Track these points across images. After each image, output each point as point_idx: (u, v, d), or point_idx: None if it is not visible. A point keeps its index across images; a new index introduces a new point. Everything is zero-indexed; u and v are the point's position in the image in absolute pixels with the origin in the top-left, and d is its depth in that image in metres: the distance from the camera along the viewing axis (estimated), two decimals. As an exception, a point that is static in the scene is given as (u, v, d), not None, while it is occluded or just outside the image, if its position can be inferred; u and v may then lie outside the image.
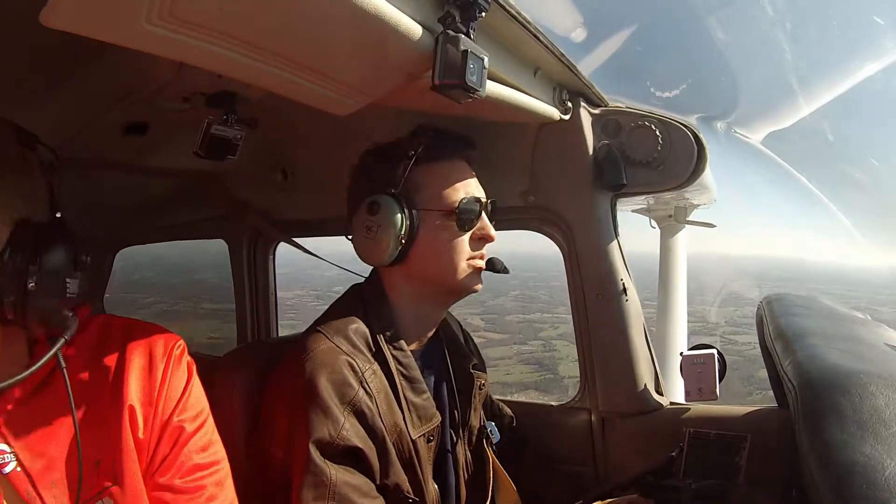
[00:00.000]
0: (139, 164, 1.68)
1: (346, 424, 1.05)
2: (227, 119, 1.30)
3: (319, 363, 1.08)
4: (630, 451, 1.52)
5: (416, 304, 1.25)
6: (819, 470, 0.66)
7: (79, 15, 0.58)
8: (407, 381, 1.17)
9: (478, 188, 1.26)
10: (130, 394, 0.82)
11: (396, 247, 1.16)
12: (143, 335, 0.87)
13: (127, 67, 1.12)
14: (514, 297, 14.60)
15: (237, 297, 2.21)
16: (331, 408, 1.05)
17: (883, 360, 0.95)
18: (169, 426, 0.85)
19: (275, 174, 1.88)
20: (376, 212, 1.16)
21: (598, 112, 1.48)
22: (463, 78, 0.84)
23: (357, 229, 1.21)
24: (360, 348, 1.14)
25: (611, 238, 1.51)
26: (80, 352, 0.84)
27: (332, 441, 1.04)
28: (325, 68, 0.88)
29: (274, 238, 2.12)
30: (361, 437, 1.07)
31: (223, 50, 0.73)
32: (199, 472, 0.86)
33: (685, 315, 2.84)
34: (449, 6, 0.84)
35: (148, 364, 0.85)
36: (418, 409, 1.18)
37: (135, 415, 0.82)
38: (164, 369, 0.86)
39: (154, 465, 0.83)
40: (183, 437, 0.86)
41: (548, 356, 11.75)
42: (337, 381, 1.07)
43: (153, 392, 0.84)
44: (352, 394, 1.07)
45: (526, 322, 13.71)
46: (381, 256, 1.19)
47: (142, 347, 0.86)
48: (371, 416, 1.08)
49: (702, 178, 1.47)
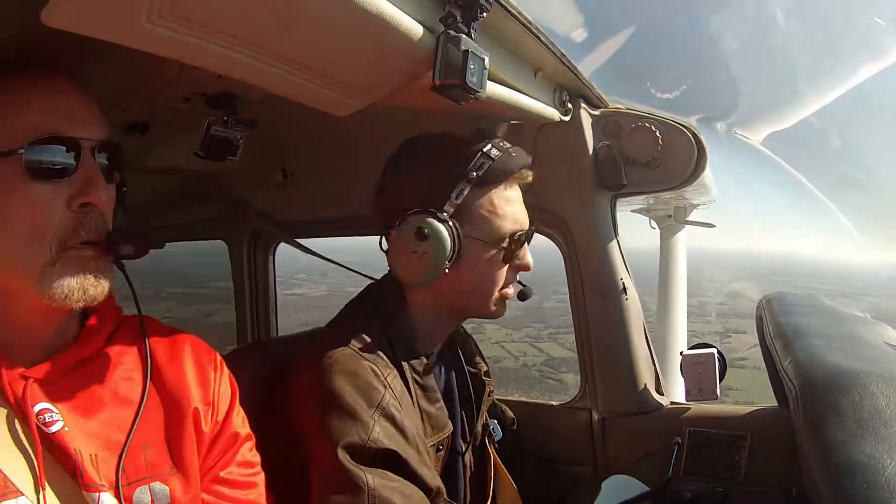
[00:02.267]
0: (139, 164, 1.68)
1: (377, 428, 1.01)
2: (228, 120, 1.30)
3: (341, 368, 1.05)
4: (630, 450, 1.52)
5: (435, 318, 1.21)
6: (819, 469, 0.66)
7: (80, 14, 0.58)
8: (422, 389, 1.15)
9: (524, 213, 1.19)
10: (193, 394, 0.88)
11: (438, 274, 1.10)
12: (190, 343, 0.94)
13: (127, 67, 1.11)
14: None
15: (237, 297, 2.20)
16: (358, 412, 1.01)
17: (883, 360, 0.95)
18: (225, 429, 0.92)
19: (275, 174, 1.88)
20: (426, 238, 1.08)
21: (599, 113, 1.49)
22: (463, 78, 0.84)
23: (399, 247, 1.12)
24: (380, 355, 1.11)
25: (610, 238, 1.51)
26: (128, 340, 0.88)
27: (364, 445, 0.99)
28: (326, 68, 0.88)
29: (274, 238, 2.12)
30: (394, 439, 1.03)
31: (224, 49, 0.73)
32: (250, 468, 0.94)
33: (685, 315, 2.84)
34: (450, 6, 0.84)
35: (199, 372, 0.91)
36: (431, 418, 1.15)
37: (198, 413, 0.88)
38: (215, 377, 0.93)
39: (211, 461, 0.89)
40: (239, 440, 0.93)
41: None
42: (362, 386, 1.03)
43: (209, 396, 0.91)
44: (378, 397, 1.03)
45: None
46: (421, 280, 1.13)
47: (191, 354, 0.92)
48: (400, 418, 1.05)
49: (701, 178, 1.47)
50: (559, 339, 14.87)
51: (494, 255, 1.15)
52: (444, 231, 1.08)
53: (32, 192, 0.72)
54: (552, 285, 6.74)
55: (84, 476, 0.75)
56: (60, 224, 0.73)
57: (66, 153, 0.73)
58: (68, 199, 0.74)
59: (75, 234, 0.74)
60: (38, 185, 0.72)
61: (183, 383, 0.88)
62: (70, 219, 0.74)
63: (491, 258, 1.15)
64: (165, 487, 0.81)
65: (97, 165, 0.76)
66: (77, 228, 0.74)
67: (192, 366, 0.91)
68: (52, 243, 0.73)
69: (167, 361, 0.89)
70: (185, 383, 0.88)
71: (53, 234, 0.73)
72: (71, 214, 0.74)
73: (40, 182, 0.72)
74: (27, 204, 0.72)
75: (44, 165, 0.72)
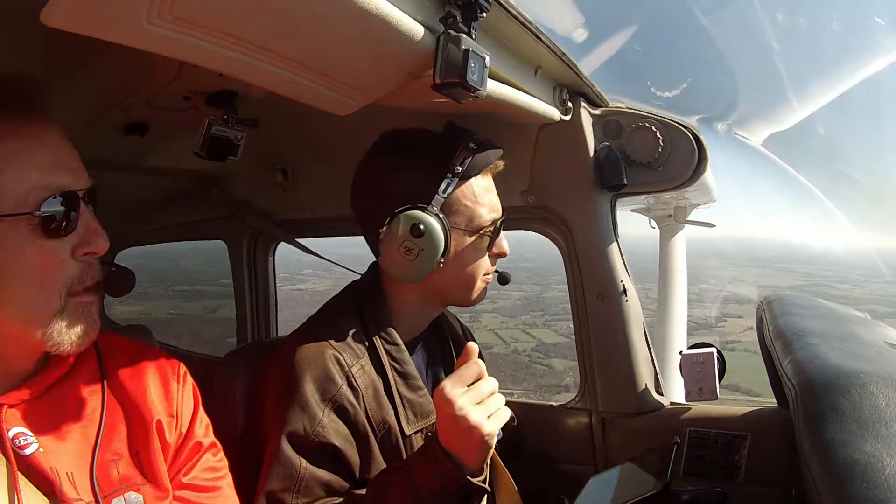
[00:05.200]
0: (139, 164, 1.68)
1: (324, 420, 1.05)
2: (228, 119, 1.30)
3: (305, 357, 1.09)
4: (630, 451, 1.51)
5: (416, 305, 1.24)
6: (819, 469, 0.66)
7: (79, 14, 0.58)
8: (400, 376, 1.17)
9: (499, 202, 1.22)
10: (155, 407, 0.91)
11: (433, 269, 1.13)
12: (153, 357, 0.96)
13: (127, 68, 1.11)
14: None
15: (237, 297, 2.21)
16: (310, 403, 1.05)
17: (883, 360, 0.95)
18: (189, 439, 0.94)
19: (275, 174, 1.88)
20: (421, 235, 1.09)
21: (599, 112, 1.49)
22: (464, 77, 0.84)
23: (391, 245, 1.12)
24: (350, 344, 1.13)
25: (611, 238, 1.51)
26: (88, 362, 0.90)
27: (307, 436, 1.04)
28: (326, 68, 0.88)
29: (274, 238, 2.12)
30: (340, 434, 1.07)
31: (223, 49, 0.73)
32: (215, 473, 0.96)
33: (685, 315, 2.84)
34: (450, 6, 0.84)
35: (162, 385, 0.94)
36: (413, 405, 1.17)
37: (161, 425, 0.90)
38: (178, 388, 0.95)
39: (176, 469, 0.92)
40: (202, 449, 0.96)
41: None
42: (320, 377, 1.07)
43: (172, 408, 0.93)
44: (334, 390, 1.07)
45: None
46: (415, 276, 1.14)
47: (153, 368, 0.95)
48: (354, 413, 1.08)
49: (702, 178, 1.47)
50: (553, 326, 15.01)
51: (477, 243, 1.18)
52: (438, 226, 1.11)
53: (46, 246, 0.76)
54: (553, 276, 6.65)
55: (62, 494, 0.77)
56: (68, 274, 0.78)
57: (72, 208, 0.77)
58: (72, 249, 0.78)
59: (81, 281, 0.79)
60: (49, 240, 0.76)
61: (145, 397, 0.91)
62: (76, 267, 0.78)
63: (474, 247, 1.18)
64: (139, 496, 0.85)
65: (92, 213, 0.80)
66: (82, 276, 0.79)
67: (154, 379, 0.93)
68: (62, 292, 0.77)
69: (129, 377, 0.91)
70: (147, 397, 0.91)
71: (63, 284, 0.77)
72: (76, 263, 0.78)
73: (51, 238, 0.76)
74: (41, 257, 0.76)
75: (56, 222, 0.76)
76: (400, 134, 1.21)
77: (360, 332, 1.16)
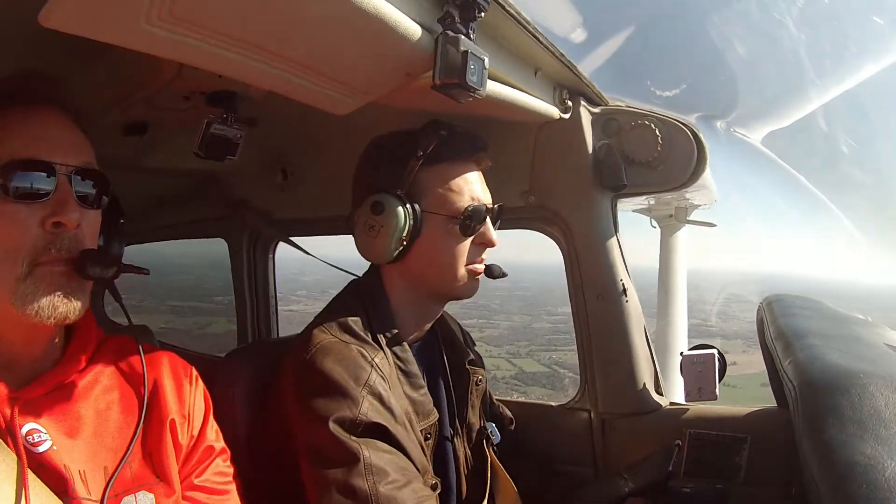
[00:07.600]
0: (139, 164, 1.68)
1: (366, 403, 1.03)
2: (227, 118, 1.30)
3: (328, 349, 1.08)
4: (630, 451, 1.51)
5: (413, 302, 1.25)
6: (819, 470, 0.66)
7: (77, 16, 0.58)
8: (405, 375, 1.17)
9: (484, 192, 1.24)
10: (170, 406, 0.93)
11: (397, 247, 1.16)
12: (165, 358, 0.99)
13: (127, 67, 1.11)
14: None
15: (237, 296, 2.21)
16: (348, 389, 1.03)
17: (883, 361, 0.94)
18: (200, 442, 0.96)
19: (275, 174, 1.88)
20: (380, 212, 1.15)
21: (598, 111, 1.48)
22: (463, 78, 0.84)
23: (359, 225, 1.19)
24: (366, 339, 1.15)
25: (611, 238, 1.50)
26: (103, 360, 0.92)
27: (355, 419, 1.02)
28: (325, 68, 0.88)
29: (274, 238, 2.12)
30: (383, 415, 1.05)
31: (223, 50, 0.73)
32: (225, 477, 0.99)
33: (685, 315, 2.84)
34: (448, 6, 0.84)
35: (176, 385, 0.96)
36: (416, 404, 1.17)
37: (174, 424, 0.93)
38: (190, 390, 0.98)
39: (188, 471, 0.94)
40: (214, 453, 0.98)
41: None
42: (349, 366, 1.06)
43: (184, 408, 0.96)
44: (365, 376, 1.06)
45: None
46: (380, 255, 1.19)
47: (167, 369, 0.97)
48: (387, 397, 1.07)
49: (702, 178, 1.47)
50: (536, 356, 15.43)
51: (452, 227, 1.19)
52: (395, 202, 1.14)
53: (11, 212, 0.77)
54: (544, 306, 6.67)
55: (74, 492, 0.78)
56: (33, 242, 0.78)
57: (43, 177, 0.78)
58: (42, 219, 0.78)
59: (46, 251, 0.78)
60: (15, 205, 0.77)
61: (160, 396, 0.93)
62: (42, 237, 0.78)
63: (449, 231, 1.19)
64: (150, 495, 0.86)
65: (72, 189, 0.80)
66: (48, 246, 0.78)
67: (169, 379, 0.95)
68: (25, 259, 0.77)
69: (144, 376, 0.93)
70: (163, 396, 0.93)
71: (27, 252, 0.77)
72: (43, 233, 0.78)
73: (18, 203, 0.77)
74: (4, 222, 0.77)
75: (21, 187, 0.77)
76: (386, 133, 1.25)
77: (370, 331, 1.17)
